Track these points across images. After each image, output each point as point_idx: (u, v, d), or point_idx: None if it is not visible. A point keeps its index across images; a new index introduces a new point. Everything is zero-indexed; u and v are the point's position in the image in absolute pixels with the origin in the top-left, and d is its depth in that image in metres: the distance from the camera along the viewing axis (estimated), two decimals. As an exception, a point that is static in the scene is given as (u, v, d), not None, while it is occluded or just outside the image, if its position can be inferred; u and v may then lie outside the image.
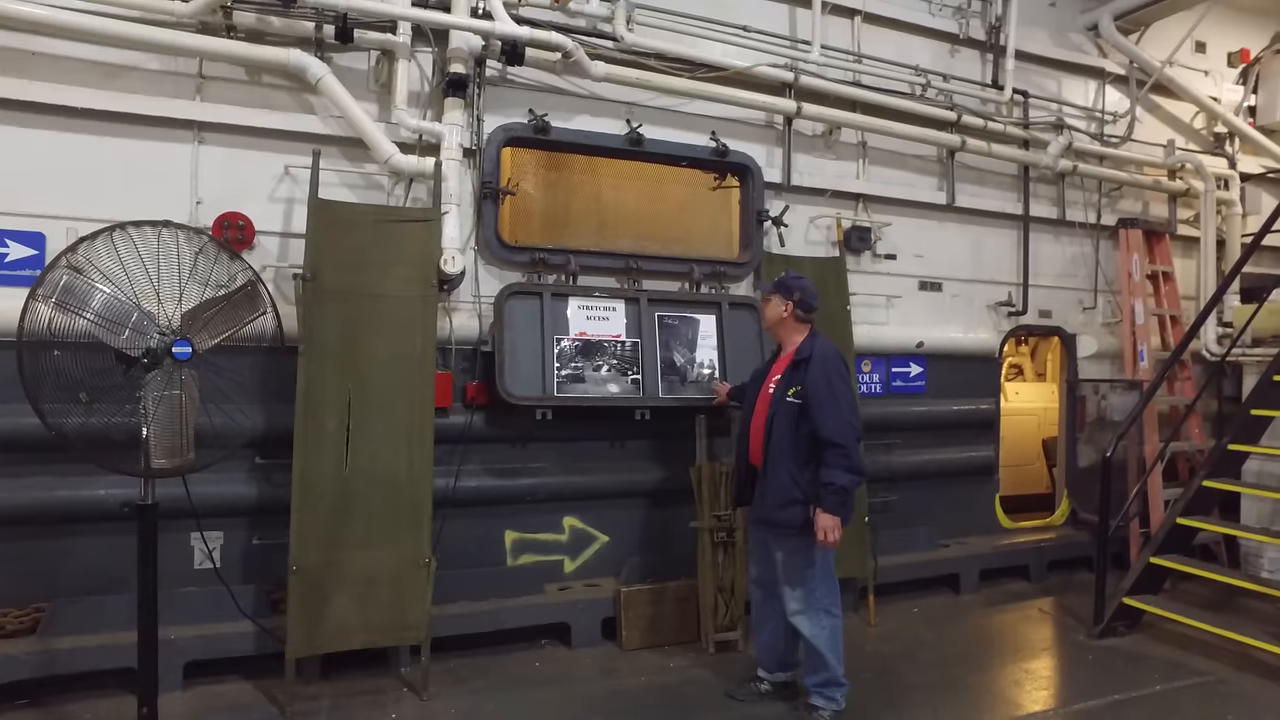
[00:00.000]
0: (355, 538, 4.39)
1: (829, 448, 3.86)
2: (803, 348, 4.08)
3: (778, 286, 4.21)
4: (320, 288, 4.44)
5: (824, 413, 3.88)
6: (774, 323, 4.23)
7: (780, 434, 4.01)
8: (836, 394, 3.93)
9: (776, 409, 4.03)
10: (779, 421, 4.04)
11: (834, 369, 3.99)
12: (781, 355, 4.26)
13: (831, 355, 4.05)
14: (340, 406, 4.42)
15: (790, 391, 4.02)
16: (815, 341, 4.13)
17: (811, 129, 6.23)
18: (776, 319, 4.20)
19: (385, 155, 4.78)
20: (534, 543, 5.37)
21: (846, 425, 3.90)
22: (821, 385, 3.92)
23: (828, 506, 3.88)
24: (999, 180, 7.01)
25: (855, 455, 3.90)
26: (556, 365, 5.13)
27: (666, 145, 5.63)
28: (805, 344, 4.11)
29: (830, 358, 4.02)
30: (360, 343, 4.51)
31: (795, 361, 4.05)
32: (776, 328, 4.25)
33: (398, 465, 4.50)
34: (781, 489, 4.02)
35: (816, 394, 3.89)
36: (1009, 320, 7.04)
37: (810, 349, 4.05)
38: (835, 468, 3.85)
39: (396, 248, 4.64)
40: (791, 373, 4.03)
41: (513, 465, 5.28)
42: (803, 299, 4.15)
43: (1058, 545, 6.95)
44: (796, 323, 4.20)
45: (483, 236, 5.18)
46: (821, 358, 3.98)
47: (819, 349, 4.04)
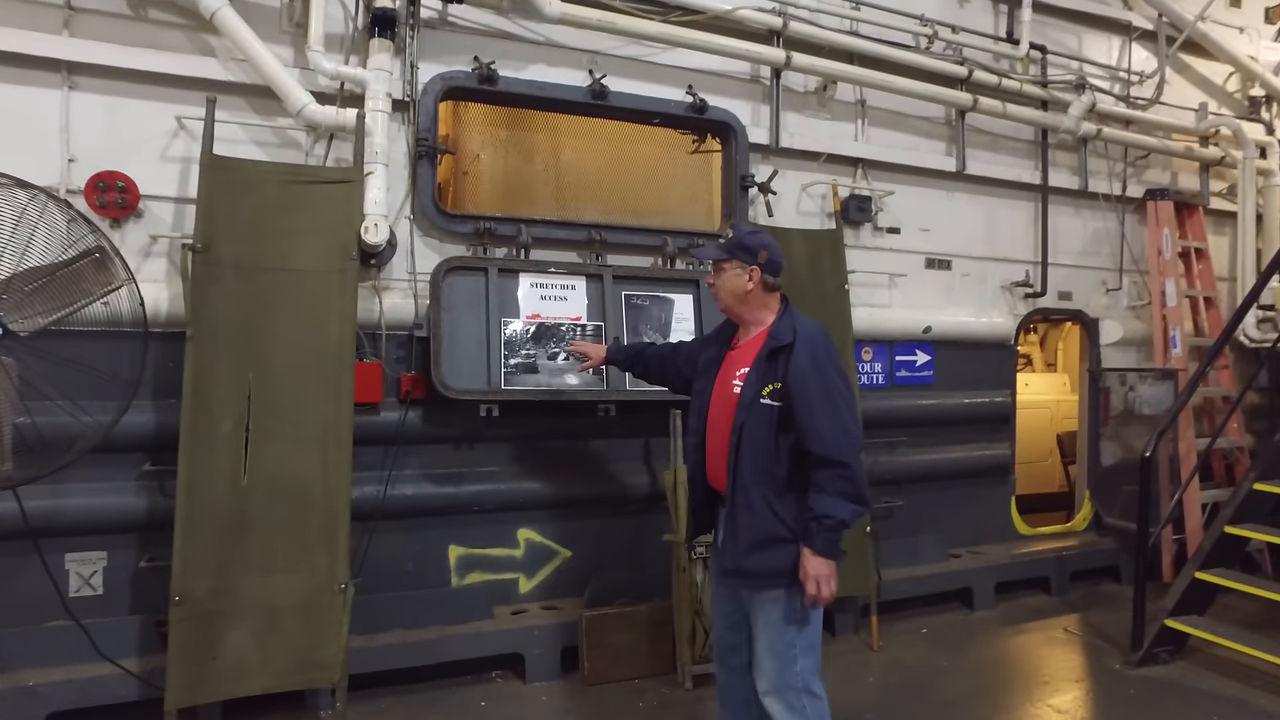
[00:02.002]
0: (255, 560, 3.65)
1: (824, 467, 2.81)
2: (778, 330, 2.97)
3: (732, 249, 3.05)
4: (214, 260, 3.71)
5: (817, 419, 2.82)
6: (736, 299, 3.07)
7: (754, 448, 2.92)
8: (832, 393, 2.86)
9: (747, 415, 2.92)
10: (751, 432, 2.92)
11: (828, 358, 2.92)
12: (743, 339, 3.13)
13: (821, 339, 2.96)
14: (238, 402, 3.68)
15: (766, 390, 2.91)
16: (796, 321, 3.00)
17: (803, 84, 5.49)
18: (739, 293, 3.04)
19: (298, 105, 4.04)
20: (483, 559, 4.64)
21: (847, 436, 2.84)
22: (813, 381, 2.85)
23: (821, 547, 2.81)
24: (1013, 146, 6.28)
25: (858, 477, 2.83)
26: (504, 353, 4.39)
27: (636, 100, 4.88)
28: (781, 324, 3.00)
29: (821, 342, 2.95)
30: (263, 326, 3.77)
31: (772, 349, 2.93)
32: (739, 305, 3.08)
33: (309, 472, 3.76)
34: (757, 524, 2.93)
35: (805, 393, 2.84)
36: (1025, 303, 6.31)
37: (791, 331, 2.94)
38: (832, 494, 2.80)
39: (309, 214, 3.90)
40: (766, 364, 2.92)
41: (457, 469, 4.55)
42: (770, 259, 3.04)
43: (1081, 554, 6.23)
44: (765, 294, 3.07)
45: (418, 203, 4.44)
46: (809, 342, 2.91)
47: (804, 331, 2.94)
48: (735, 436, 2.94)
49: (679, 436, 4.60)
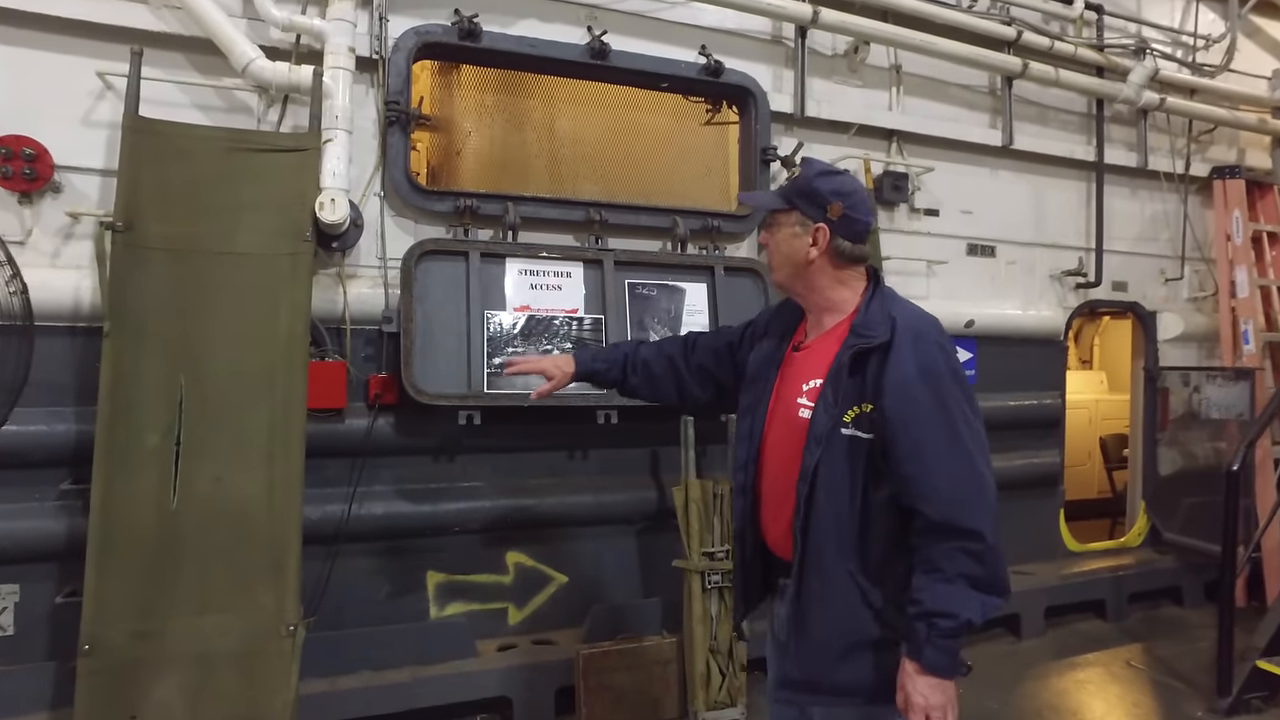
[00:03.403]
0: (185, 599, 3.06)
1: (941, 537, 1.91)
2: (867, 321, 2.06)
3: (792, 195, 2.16)
4: (138, 241, 3.14)
5: (930, 461, 1.92)
6: (794, 270, 2.16)
7: (834, 503, 2.03)
8: (956, 421, 1.94)
9: (823, 453, 2.02)
10: (829, 478, 2.02)
11: (947, 367, 1.98)
12: (813, 333, 2.21)
13: (935, 336, 2.02)
14: (166, 410, 3.11)
15: (850, 415, 2.01)
16: (894, 307, 2.07)
17: (831, 45, 4.86)
18: (798, 262, 2.14)
19: (243, 61, 3.44)
20: (466, 587, 4.04)
21: (979, 490, 1.92)
22: (924, 403, 1.94)
23: (932, 660, 1.91)
24: (1064, 119, 5.63)
25: (995, 554, 1.91)
26: (488, 351, 3.78)
27: (641, 60, 4.26)
28: (871, 313, 2.08)
29: (934, 340, 2.01)
30: (198, 320, 3.19)
31: (856, 351, 2.02)
32: (798, 281, 2.18)
33: (252, 492, 3.18)
34: (839, 617, 2.05)
35: (912, 422, 1.94)
36: (1076, 294, 5.67)
37: (888, 323, 2.02)
38: (952, 580, 1.89)
39: (255, 187, 3.32)
40: (850, 375, 2.02)
41: (435, 485, 3.95)
42: (849, 215, 2.10)
43: (1138, 574, 5.58)
44: (839, 266, 2.14)
45: (389, 178, 3.84)
46: (917, 341, 1.99)
47: (908, 323, 2.02)
48: (805, 484, 2.02)
49: (691, 446, 4.00)
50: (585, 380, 2.67)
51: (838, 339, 2.10)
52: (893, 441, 1.94)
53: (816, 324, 2.21)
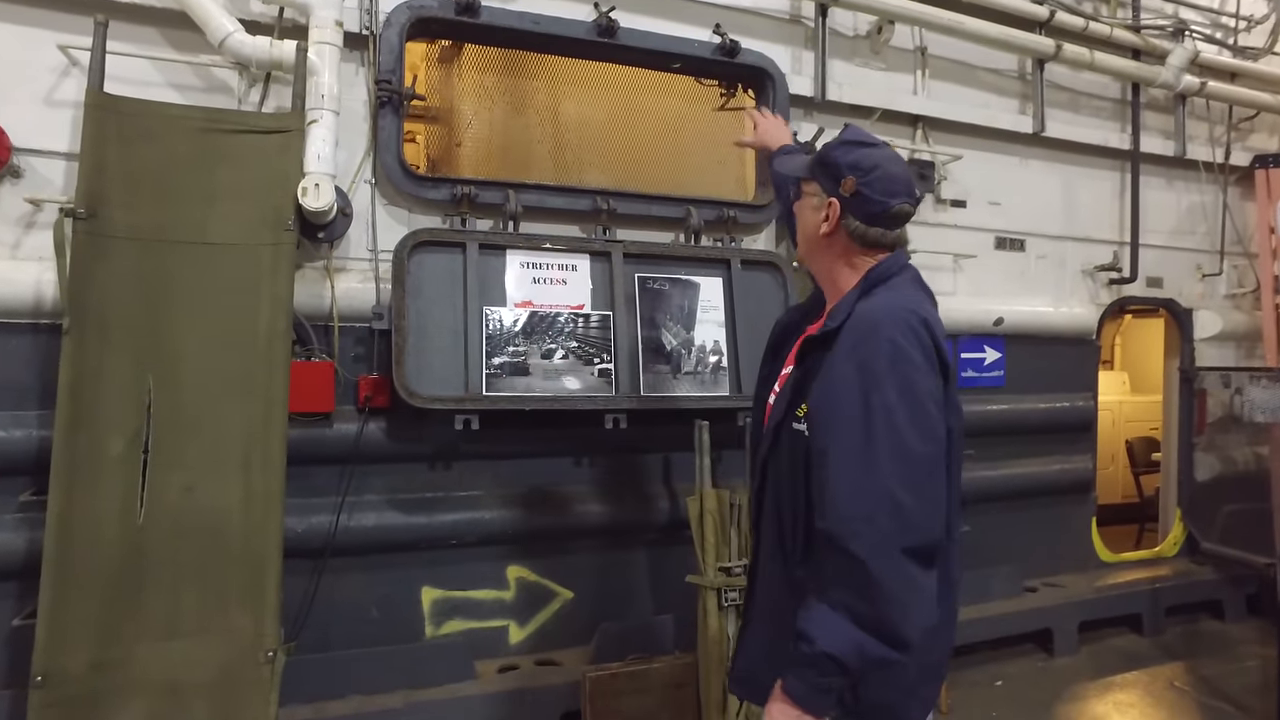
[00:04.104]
0: (153, 622, 2.79)
1: (831, 555, 1.66)
2: (836, 308, 1.88)
3: (815, 163, 1.94)
4: (102, 230, 2.86)
5: (832, 464, 1.69)
6: (807, 244, 2.01)
7: (778, 497, 1.91)
8: (873, 421, 1.67)
9: (772, 445, 1.93)
10: (777, 471, 1.91)
11: (887, 362, 1.70)
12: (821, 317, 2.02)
13: (888, 327, 1.74)
14: (133, 415, 2.83)
15: (802, 410, 1.85)
16: (874, 295, 1.85)
17: (853, 25, 4.57)
18: (810, 236, 1.97)
19: (220, 34, 3.16)
20: (464, 603, 3.76)
21: (878, 515, 1.62)
22: (843, 396, 1.72)
23: (790, 687, 1.68)
24: (1096, 105, 5.33)
25: (885, 588, 1.60)
26: (487, 350, 3.50)
27: (652, 39, 3.98)
28: (844, 300, 1.88)
29: (882, 333, 1.73)
30: (169, 316, 2.92)
31: (808, 339, 1.91)
32: (808, 256, 2.03)
33: (227, 504, 2.90)
34: (773, 616, 1.91)
35: (826, 416, 1.74)
36: (1109, 290, 5.37)
37: (848, 310, 1.82)
38: (839, 607, 1.62)
39: (232, 172, 3.05)
40: (805, 365, 1.88)
41: (431, 494, 3.67)
42: (863, 192, 1.85)
43: (1176, 586, 5.28)
44: (851, 247, 1.91)
45: (381, 163, 3.55)
46: (865, 330, 1.75)
47: (865, 312, 1.79)
48: (756, 478, 1.99)
49: (706, 452, 3.71)
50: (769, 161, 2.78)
51: (815, 325, 1.98)
52: (811, 440, 1.78)
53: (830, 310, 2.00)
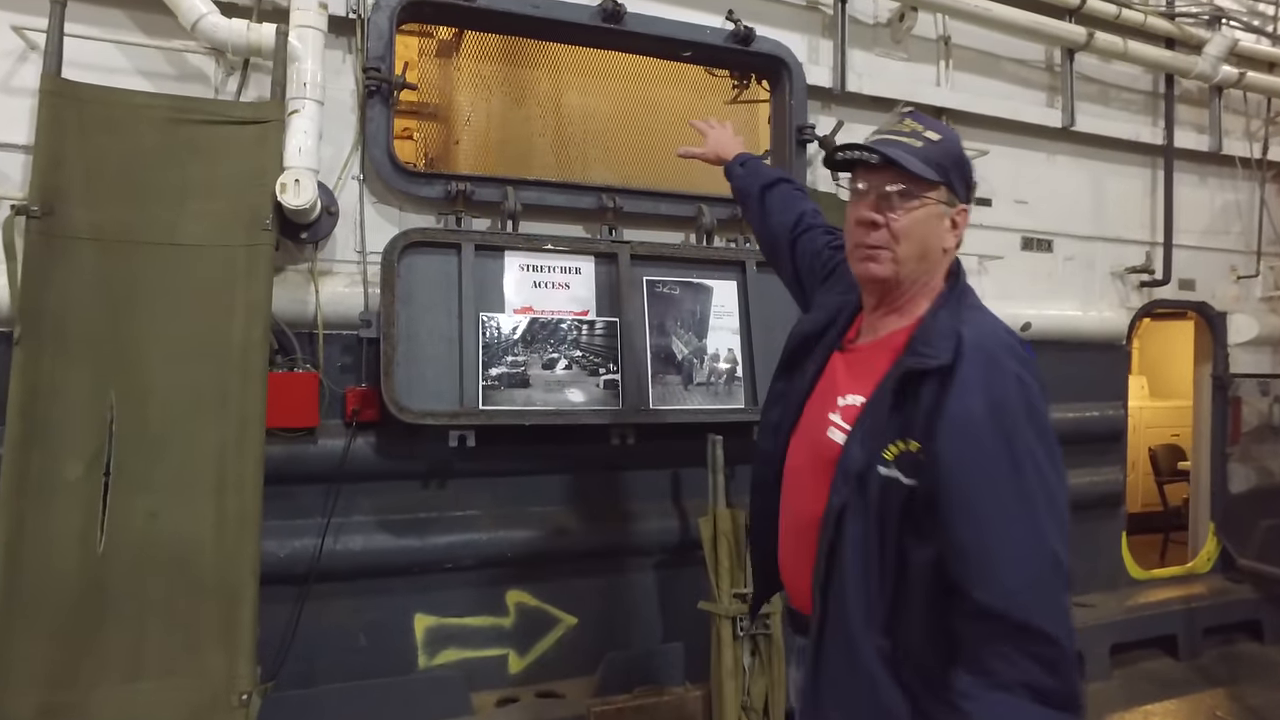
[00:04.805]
0: (114, 662, 2.52)
1: (994, 631, 1.42)
2: (929, 333, 1.59)
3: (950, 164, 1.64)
4: (59, 229, 2.61)
5: (988, 531, 1.45)
6: (925, 262, 1.66)
7: (863, 561, 1.57)
8: (1027, 480, 1.45)
9: (852, 495, 1.58)
10: (858, 528, 1.57)
11: (1025, 405, 1.48)
12: (869, 332, 1.75)
13: (1014, 362, 1.52)
14: (93, 434, 2.58)
15: (892, 452, 1.55)
16: (966, 317, 1.60)
17: (873, 13, 4.31)
18: (934, 252, 1.66)
19: (192, 16, 2.90)
20: (460, 631, 3.49)
21: (1054, 580, 1.44)
22: (993, 454, 1.46)
23: None
24: (1126, 98, 5.07)
25: (1066, 659, 1.40)
26: (483, 360, 3.24)
27: (660, 25, 3.71)
28: (939, 321, 1.60)
29: (1011, 369, 1.50)
30: (133, 324, 2.67)
31: (908, 372, 1.56)
32: (916, 278, 1.67)
33: (198, 532, 2.64)
34: (867, 706, 1.57)
35: (976, 476, 1.46)
36: (1139, 293, 5.10)
37: (952, 339, 1.54)
38: (1017, 689, 1.40)
39: (203, 166, 2.80)
40: (894, 399, 1.57)
41: (424, 514, 3.41)
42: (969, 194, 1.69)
43: (1213, 606, 5.01)
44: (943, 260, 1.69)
45: (370, 158, 3.29)
46: (989, 366, 1.50)
47: (978, 341, 1.53)
48: (829, 533, 1.60)
49: (719, 471, 3.45)
50: (725, 172, 2.62)
51: (893, 350, 1.66)
52: (944, 495, 1.48)
53: (873, 324, 1.76)
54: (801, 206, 2.33)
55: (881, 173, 1.63)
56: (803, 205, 2.34)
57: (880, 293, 1.72)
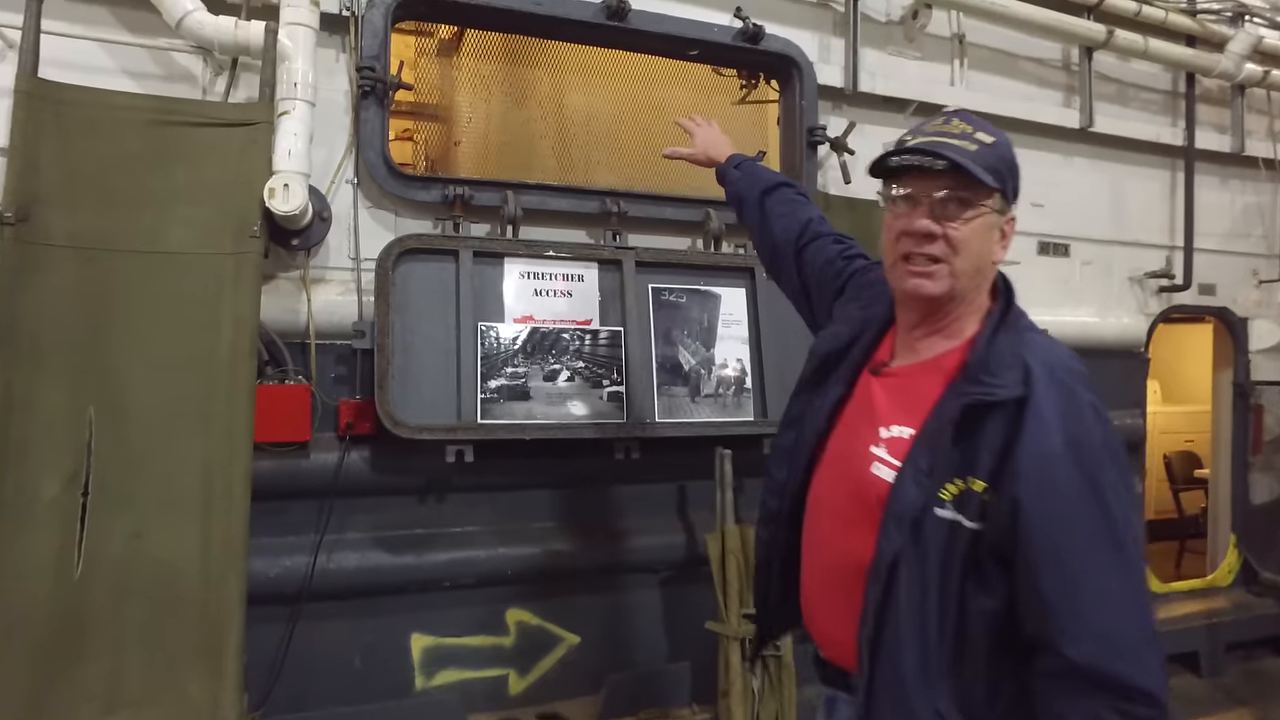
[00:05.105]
0: (91, 689, 2.41)
1: (1093, 690, 1.30)
2: (991, 360, 1.45)
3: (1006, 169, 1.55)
4: (35, 236, 2.49)
5: (1086, 583, 1.32)
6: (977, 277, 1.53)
7: (919, 611, 1.41)
8: (1119, 527, 1.33)
9: (908, 542, 1.41)
10: (915, 576, 1.41)
11: (1104, 441, 1.38)
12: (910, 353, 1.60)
13: (1086, 396, 1.41)
14: (71, 452, 2.46)
15: (950, 491, 1.40)
16: (1025, 340, 1.48)
17: (886, 10, 4.17)
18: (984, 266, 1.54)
19: (177, 13, 2.78)
20: (458, 651, 3.36)
21: (1150, 633, 1.34)
22: (1079, 498, 1.33)
23: None
24: (1145, 99, 4.93)
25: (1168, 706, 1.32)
26: (482, 372, 3.11)
27: (667, 23, 3.58)
28: (996, 349, 1.46)
29: (1089, 402, 1.40)
30: (113, 336, 2.54)
31: (972, 403, 1.41)
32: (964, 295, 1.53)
33: (181, 553, 2.52)
34: None
35: (1062, 524, 1.33)
36: (1158, 298, 4.96)
37: (1019, 368, 1.41)
38: None
39: (188, 170, 2.67)
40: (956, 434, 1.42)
41: (421, 530, 3.29)
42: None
43: (1236, 621, 4.86)
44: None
45: (364, 161, 3.17)
46: (1064, 400, 1.38)
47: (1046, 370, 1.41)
48: (879, 583, 1.43)
49: (727, 486, 3.32)
50: (718, 175, 2.45)
51: (942, 375, 1.51)
52: (1026, 544, 1.34)
53: (911, 344, 1.60)
54: (806, 213, 2.18)
55: (937, 178, 1.49)
56: (807, 211, 2.19)
57: (925, 311, 1.56)
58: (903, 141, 1.55)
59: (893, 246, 1.55)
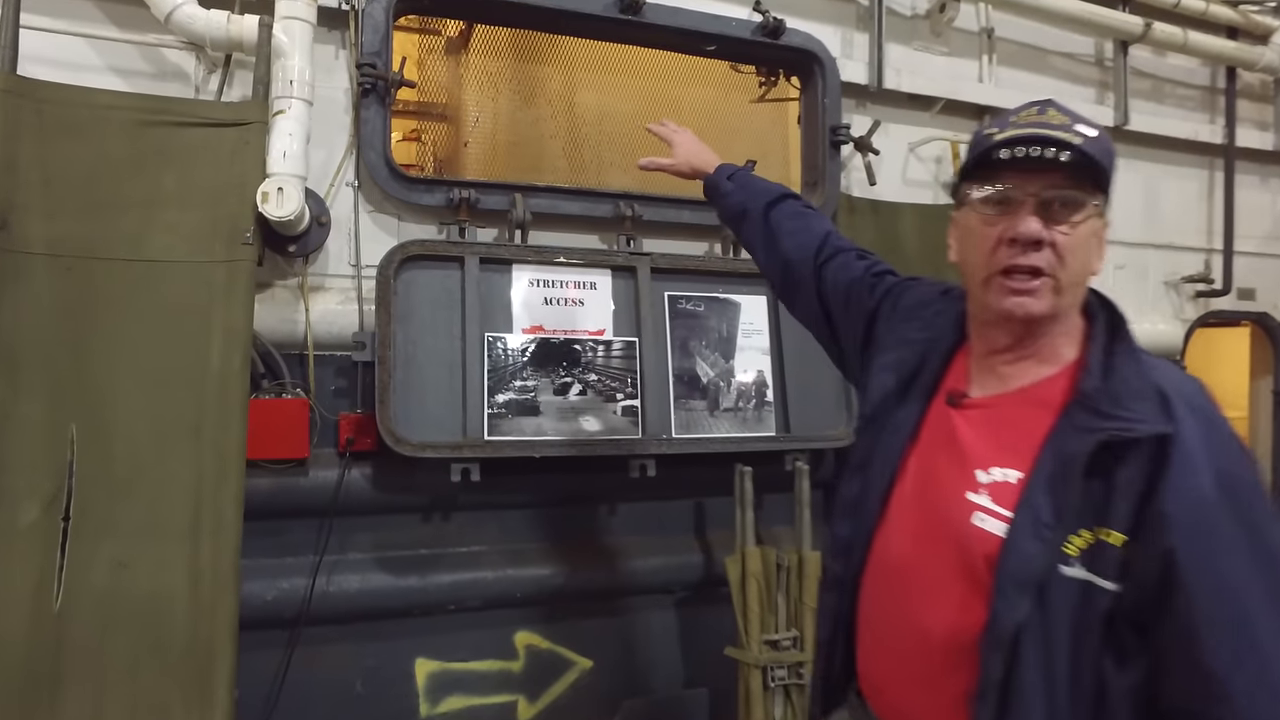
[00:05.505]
0: (71, 731, 2.25)
1: None
2: (1116, 388, 1.26)
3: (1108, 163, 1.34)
4: (12, 244, 2.34)
5: (1253, 649, 1.12)
6: (1081, 290, 1.37)
7: (1049, 689, 1.19)
8: (1274, 560, 1.15)
9: (1034, 609, 1.20)
10: (1041, 646, 1.18)
11: (1252, 478, 1.20)
12: (996, 380, 1.40)
13: (1226, 426, 1.24)
14: (50, 474, 2.31)
15: (1077, 543, 1.19)
16: (1149, 365, 1.29)
17: (911, 3, 3.99)
18: (1088, 271, 1.36)
19: (166, 6, 2.63)
20: (465, 677, 3.20)
21: None
22: (1238, 549, 1.14)
23: None
24: (1182, 95, 4.72)
25: None
26: (489, 385, 2.94)
27: (682, 16, 3.40)
28: (1119, 375, 1.27)
29: (1230, 433, 1.23)
30: (96, 351, 2.39)
31: (1109, 440, 1.20)
32: (1068, 311, 1.36)
33: (169, 583, 2.36)
34: None
35: (1223, 582, 1.14)
36: (1195, 303, 4.76)
37: (1154, 398, 1.23)
38: None
39: (177, 173, 2.51)
40: (1085, 481, 1.21)
41: (425, 551, 3.13)
42: None
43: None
44: None
45: (365, 162, 3.01)
46: (1207, 433, 1.20)
47: (1186, 400, 1.23)
48: (1000, 658, 1.21)
49: (748, 505, 3.15)
50: (707, 189, 2.30)
51: (1045, 407, 1.30)
52: (1184, 607, 1.14)
53: (993, 370, 1.40)
54: (821, 226, 1.99)
55: (1045, 174, 1.29)
56: (821, 225, 2.00)
57: (1021, 333, 1.36)
58: (988, 137, 1.34)
59: (988, 258, 1.34)
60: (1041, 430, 1.28)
